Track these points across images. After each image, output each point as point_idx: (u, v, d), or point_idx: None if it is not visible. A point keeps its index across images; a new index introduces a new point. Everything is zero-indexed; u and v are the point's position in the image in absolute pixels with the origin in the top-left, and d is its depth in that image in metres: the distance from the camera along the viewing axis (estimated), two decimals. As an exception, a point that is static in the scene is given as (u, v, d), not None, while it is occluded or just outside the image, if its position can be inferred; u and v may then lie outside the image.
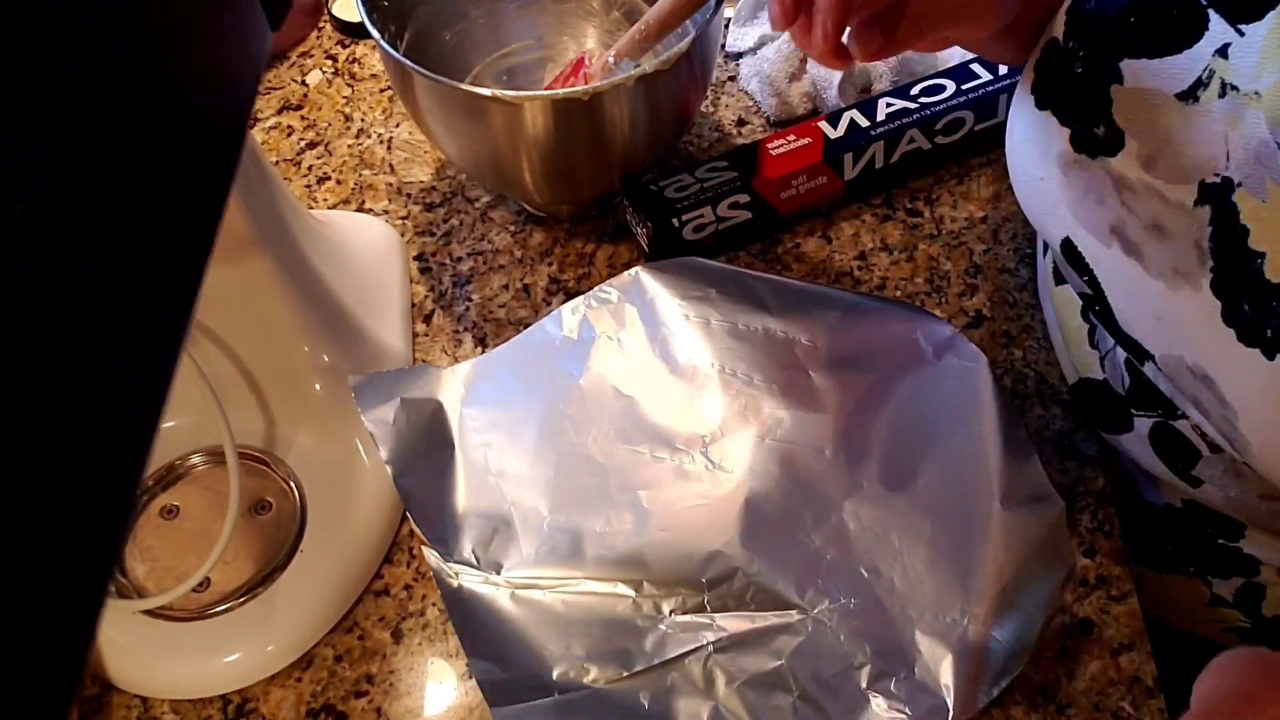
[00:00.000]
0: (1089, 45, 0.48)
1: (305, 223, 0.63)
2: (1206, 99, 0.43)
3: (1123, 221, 0.48)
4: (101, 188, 0.28)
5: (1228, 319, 0.43)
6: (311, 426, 0.62)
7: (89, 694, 0.56)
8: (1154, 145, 0.45)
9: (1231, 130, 0.42)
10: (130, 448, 0.30)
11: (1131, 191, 0.46)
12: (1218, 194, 0.43)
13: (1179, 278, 0.45)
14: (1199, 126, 0.43)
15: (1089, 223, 0.50)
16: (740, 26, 0.84)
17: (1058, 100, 0.50)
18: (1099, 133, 0.47)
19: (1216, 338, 0.44)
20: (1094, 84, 0.47)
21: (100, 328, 0.28)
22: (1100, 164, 0.48)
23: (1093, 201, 0.49)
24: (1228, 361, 0.44)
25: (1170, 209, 0.45)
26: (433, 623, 0.58)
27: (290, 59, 0.88)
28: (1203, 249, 0.44)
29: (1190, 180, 0.44)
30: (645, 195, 0.71)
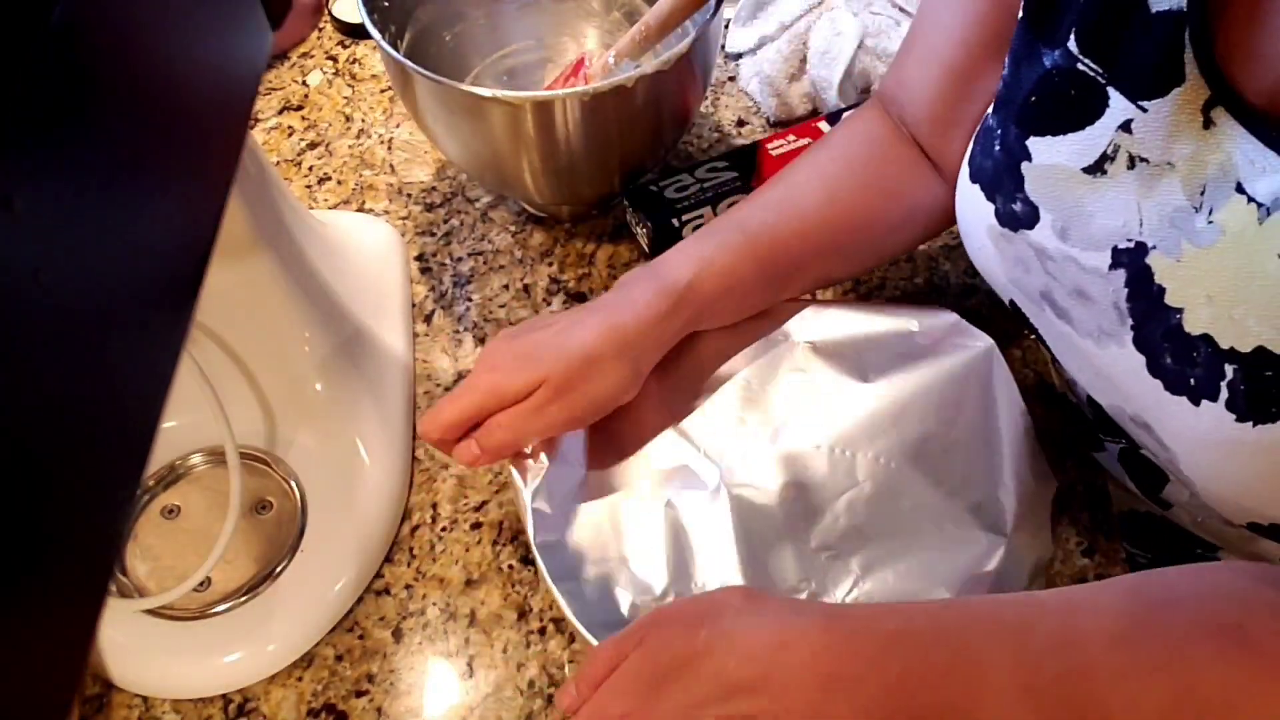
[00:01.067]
0: (1003, 125, 0.50)
1: (306, 223, 0.63)
2: (1114, 171, 0.44)
3: (1049, 288, 0.50)
4: (102, 188, 0.28)
5: (1153, 371, 0.45)
6: (312, 426, 0.62)
7: (90, 693, 0.56)
8: (1066, 216, 0.47)
9: (1145, 199, 0.43)
10: (131, 447, 0.30)
11: (1053, 260, 0.48)
12: (1130, 258, 0.45)
13: (1105, 337, 0.47)
14: (1109, 197, 0.45)
15: (1022, 290, 0.52)
16: (740, 27, 0.84)
17: (983, 176, 0.52)
18: (1016, 208, 0.49)
19: (1146, 389, 0.46)
20: (1009, 162, 0.49)
21: (101, 328, 0.28)
22: (1022, 236, 0.49)
23: (1021, 271, 0.51)
24: (1160, 410, 0.46)
25: (1088, 275, 0.47)
26: (433, 622, 0.58)
27: (291, 59, 0.88)
28: (1121, 309, 0.46)
29: (1103, 247, 0.46)
30: (645, 195, 0.72)
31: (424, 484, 0.64)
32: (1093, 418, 0.59)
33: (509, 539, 0.61)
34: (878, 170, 0.60)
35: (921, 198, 0.60)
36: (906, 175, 0.60)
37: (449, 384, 0.68)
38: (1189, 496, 0.56)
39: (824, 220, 0.58)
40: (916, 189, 0.60)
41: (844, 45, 0.77)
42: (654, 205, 0.71)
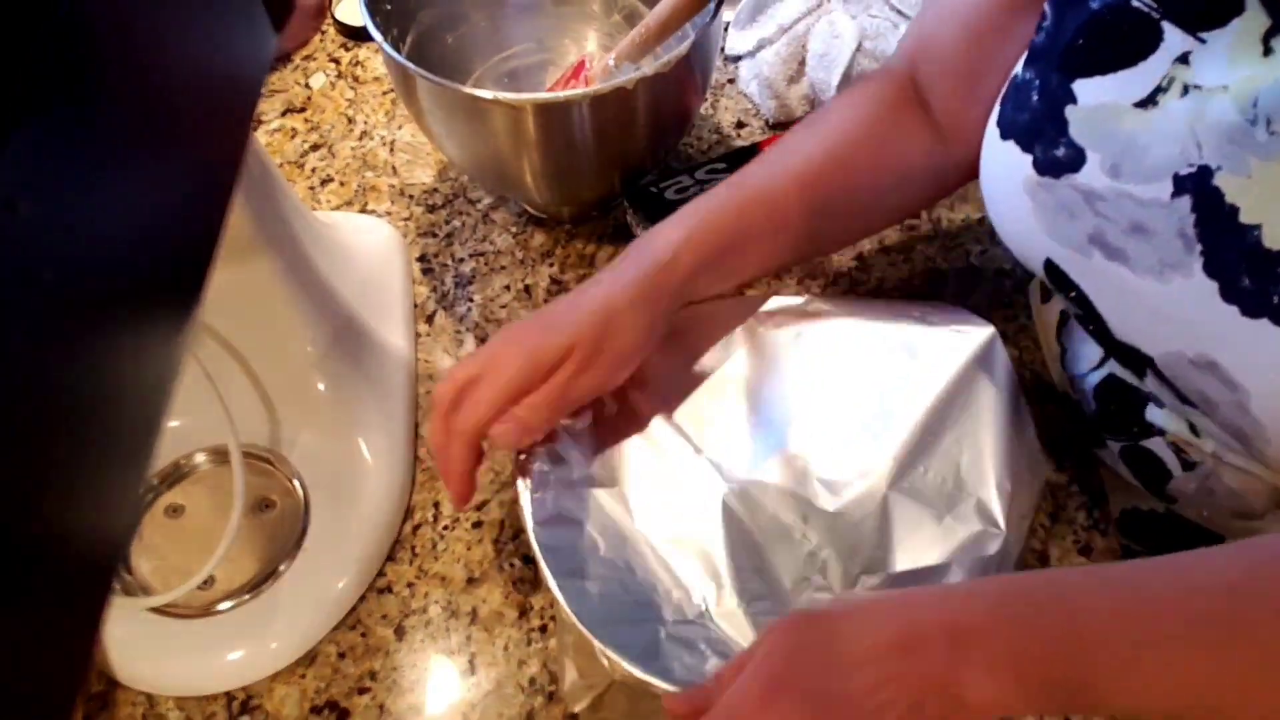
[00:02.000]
0: (1043, 74, 0.50)
1: (308, 224, 0.64)
2: (1167, 102, 0.45)
3: (1100, 230, 0.49)
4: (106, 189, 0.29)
5: (1227, 297, 0.44)
6: (315, 425, 0.63)
7: (95, 691, 0.57)
8: (1117, 153, 0.47)
9: (1198, 122, 0.44)
10: (135, 446, 0.30)
11: (1103, 200, 0.48)
12: (1194, 183, 0.44)
13: (1168, 270, 0.46)
14: (1162, 128, 0.45)
15: (1066, 239, 0.51)
16: (739, 29, 0.84)
17: (1017, 129, 0.51)
18: (1059, 153, 0.49)
19: (1218, 318, 0.45)
20: (1050, 109, 0.49)
21: (106, 328, 0.28)
22: (1066, 181, 0.49)
23: (1066, 218, 0.50)
24: (1233, 340, 0.45)
25: (1146, 208, 0.46)
26: (435, 620, 0.59)
27: (294, 62, 0.89)
28: (1188, 237, 0.45)
29: (1163, 177, 0.45)
30: (645, 197, 0.72)
31: (426, 483, 0.64)
32: (1094, 413, 0.59)
33: (510, 537, 0.62)
34: (874, 130, 0.60)
35: (919, 161, 0.60)
36: (905, 137, 0.60)
37: (450, 384, 0.68)
38: (1195, 488, 0.56)
39: (816, 175, 0.58)
40: (914, 151, 0.60)
41: (842, 48, 0.78)
42: (654, 206, 0.71)
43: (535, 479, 0.53)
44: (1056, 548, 0.61)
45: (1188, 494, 0.57)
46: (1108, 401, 0.58)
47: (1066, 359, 0.62)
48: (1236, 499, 0.54)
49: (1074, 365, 0.61)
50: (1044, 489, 0.58)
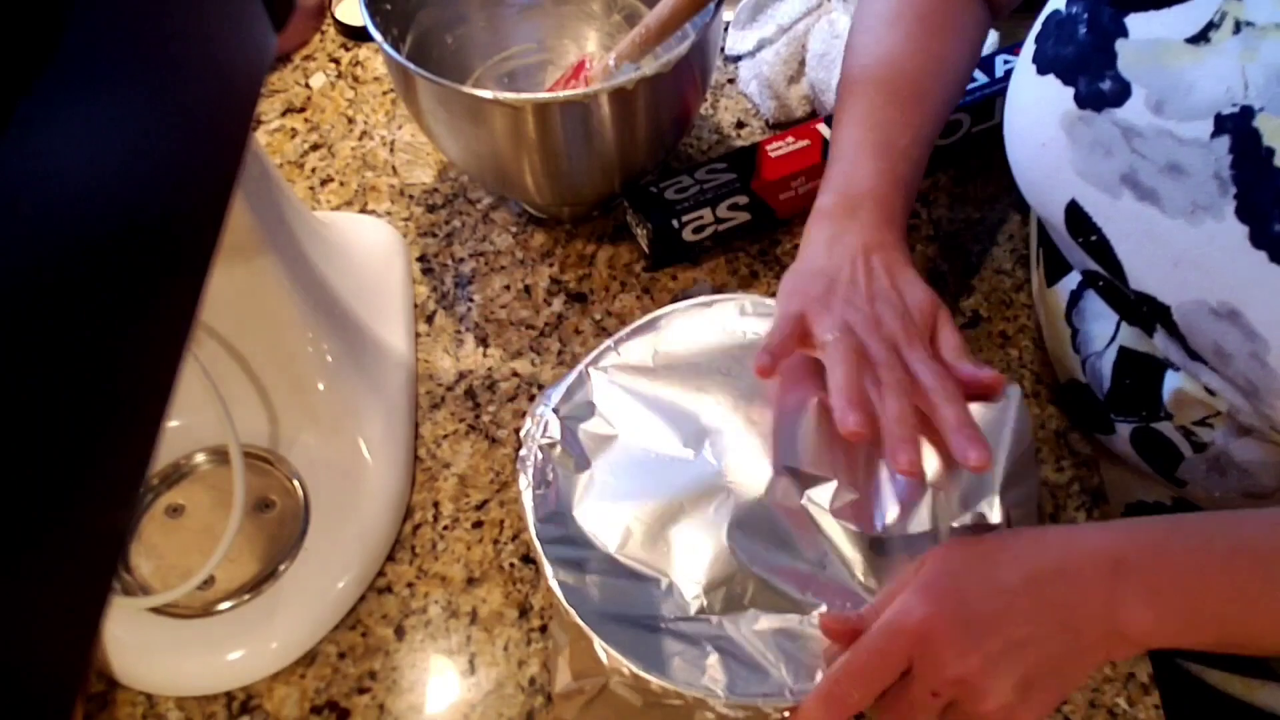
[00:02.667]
0: (1093, 8, 0.50)
1: (308, 224, 0.64)
2: (1219, 38, 0.44)
3: (1134, 169, 0.49)
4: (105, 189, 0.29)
5: (1257, 241, 0.44)
6: (315, 425, 0.63)
7: (94, 691, 0.57)
8: (1162, 89, 0.47)
9: (1248, 62, 0.43)
10: (135, 446, 0.30)
11: (1141, 137, 0.48)
12: (1235, 124, 0.44)
13: (1200, 212, 0.46)
14: (1211, 65, 0.45)
15: (1096, 178, 0.51)
16: (739, 30, 0.84)
17: (1060, 63, 0.51)
18: (1104, 86, 0.49)
19: (1244, 264, 0.45)
20: (1099, 42, 0.49)
21: (105, 328, 0.28)
22: (1107, 116, 0.49)
23: (1100, 155, 0.50)
24: (1258, 287, 0.45)
25: (1185, 146, 0.46)
26: (435, 620, 0.59)
27: (294, 62, 0.89)
28: (1223, 179, 0.45)
29: (1205, 116, 0.45)
30: (645, 197, 0.72)
31: (426, 483, 0.64)
32: (1107, 392, 0.59)
33: (510, 537, 0.62)
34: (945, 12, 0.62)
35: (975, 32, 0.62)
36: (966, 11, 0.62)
37: (450, 383, 0.68)
38: (1206, 470, 0.56)
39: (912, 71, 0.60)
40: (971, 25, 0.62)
41: (842, 48, 0.77)
42: (654, 206, 0.71)
43: (536, 476, 0.53)
44: (1056, 548, 0.61)
45: (1198, 476, 0.57)
46: (1123, 376, 0.57)
47: (1078, 341, 0.61)
48: (1247, 478, 0.54)
49: (1086, 346, 0.61)
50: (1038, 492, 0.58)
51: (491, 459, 0.65)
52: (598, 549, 0.51)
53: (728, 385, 0.57)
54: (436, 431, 0.66)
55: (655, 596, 0.50)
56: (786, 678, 0.46)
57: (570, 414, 0.55)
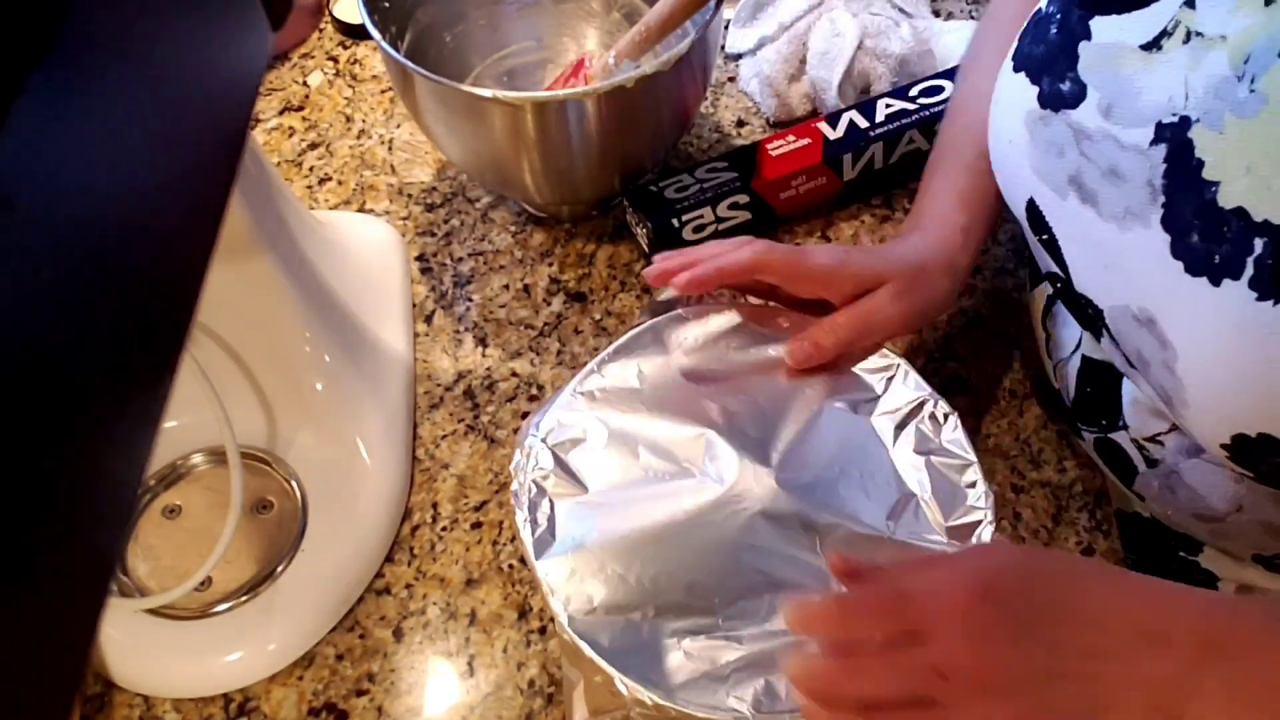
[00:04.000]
0: (1065, 9, 0.51)
1: (306, 223, 0.64)
2: (1170, 46, 0.45)
3: (1080, 171, 0.50)
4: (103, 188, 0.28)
5: (1176, 251, 0.45)
6: (313, 426, 0.62)
7: (91, 693, 0.56)
8: (1114, 94, 0.47)
9: (1192, 72, 0.44)
10: (132, 447, 0.30)
11: (1090, 140, 0.49)
12: (1172, 133, 0.45)
13: (1130, 218, 0.47)
14: (1160, 72, 0.45)
15: (1049, 177, 0.52)
16: (740, 28, 0.84)
17: (1031, 62, 0.52)
18: (1064, 87, 0.50)
19: (1164, 273, 0.45)
20: (1065, 43, 0.50)
21: (103, 327, 0.28)
22: (1063, 117, 0.50)
23: (1053, 155, 0.51)
24: (1172, 297, 0.45)
25: (1125, 152, 0.47)
26: (433, 621, 0.58)
27: (292, 60, 0.89)
28: (1155, 187, 0.46)
29: (1147, 123, 0.46)
30: (645, 195, 0.72)
31: (424, 484, 0.64)
32: (1073, 400, 0.59)
33: (509, 539, 0.61)
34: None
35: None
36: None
37: (449, 383, 0.68)
38: (1158, 487, 0.56)
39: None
40: None
41: (843, 46, 0.77)
42: (654, 205, 0.71)
43: (531, 511, 0.51)
44: (1058, 548, 0.60)
45: (1152, 492, 0.57)
46: (1085, 384, 0.58)
47: (1050, 345, 0.62)
48: (1198, 499, 0.54)
49: (1056, 351, 0.62)
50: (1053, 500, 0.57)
51: (490, 459, 0.64)
52: (604, 577, 0.50)
53: (717, 397, 0.56)
54: (435, 432, 0.66)
55: (668, 620, 0.49)
56: None
57: (559, 442, 0.54)
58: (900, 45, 0.79)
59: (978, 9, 0.89)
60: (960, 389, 0.67)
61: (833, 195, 0.75)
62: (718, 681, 0.46)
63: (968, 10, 0.89)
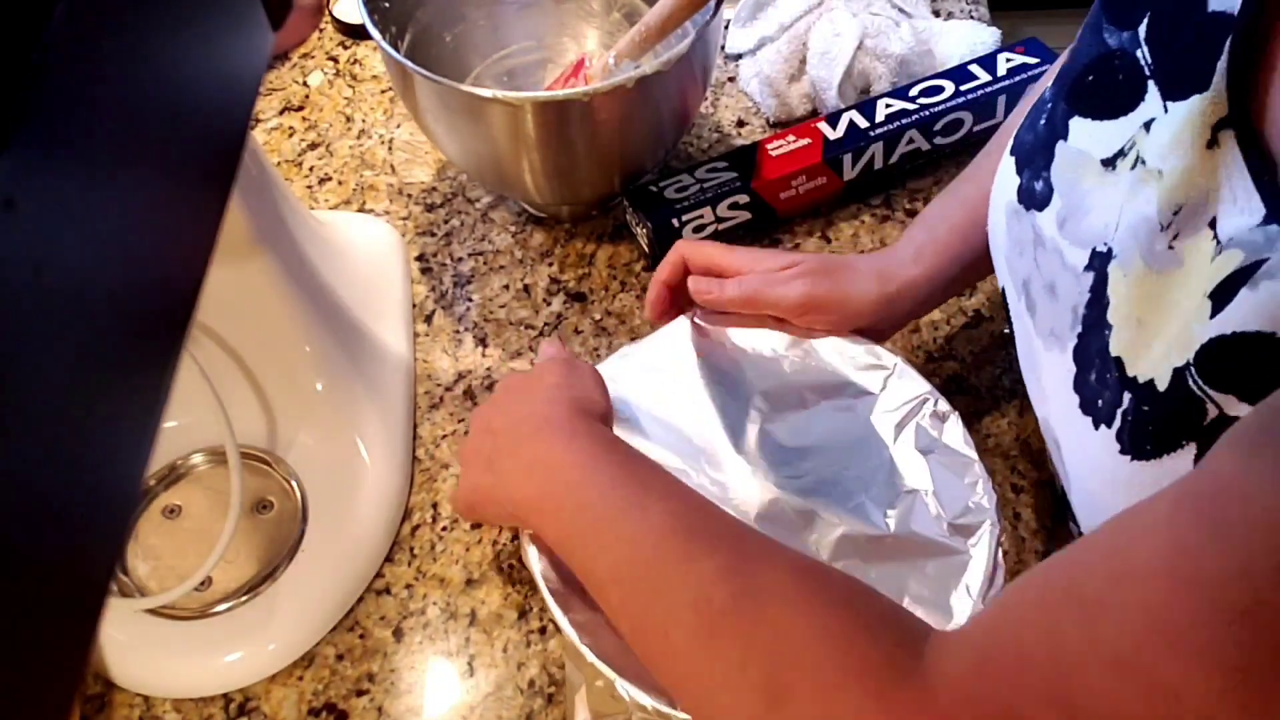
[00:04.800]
0: (1055, 98, 0.49)
1: (306, 223, 0.64)
2: (1121, 168, 0.43)
3: (1030, 278, 0.49)
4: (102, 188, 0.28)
5: (1076, 385, 0.45)
6: (313, 426, 0.62)
7: (91, 692, 0.56)
8: (1071, 206, 0.46)
9: (1128, 202, 0.42)
10: (132, 447, 0.30)
11: (1043, 249, 0.48)
12: (1100, 263, 0.43)
13: (1053, 339, 0.47)
14: (1107, 194, 0.44)
15: (1013, 275, 0.51)
16: (740, 28, 0.84)
17: (1021, 149, 0.51)
18: (1037, 186, 0.48)
19: (1065, 403, 0.45)
20: (1048, 138, 0.48)
21: (102, 327, 0.28)
22: (1030, 217, 0.49)
23: (1017, 253, 0.51)
24: (1068, 428, 0.45)
25: (1065, 271, 0.46)
26: (433, 621, 0.58)
27: (292, 60, 0.89)
28: (1076, 314, 0.45)
29: (1086, 245, 0.45)
30: (645, 196, 0.72)
31: (424, 483, 0.64)
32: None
33: (509, 539, 0.61)
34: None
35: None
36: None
37: (449, 383, 0.68)
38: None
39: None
40: None
41: (843, 46, 0.77)
42: (654, 205, 0.71)
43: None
44: (1059, 548, 0.60)
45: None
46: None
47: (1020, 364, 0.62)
48: None
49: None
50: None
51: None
52: None
53: (717, 398, 0.56)
54: (435, 432, 0.66)
55: None
56: None
57: None
58: (900, 45, 0.79)
59: (977, 9, 0.89)
60: (960, 389, 0.67)
61: (833, 195, 0.75)
62: None
63: (968, 10, 0.89)
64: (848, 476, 0.53)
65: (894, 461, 0.53)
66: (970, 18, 0.88)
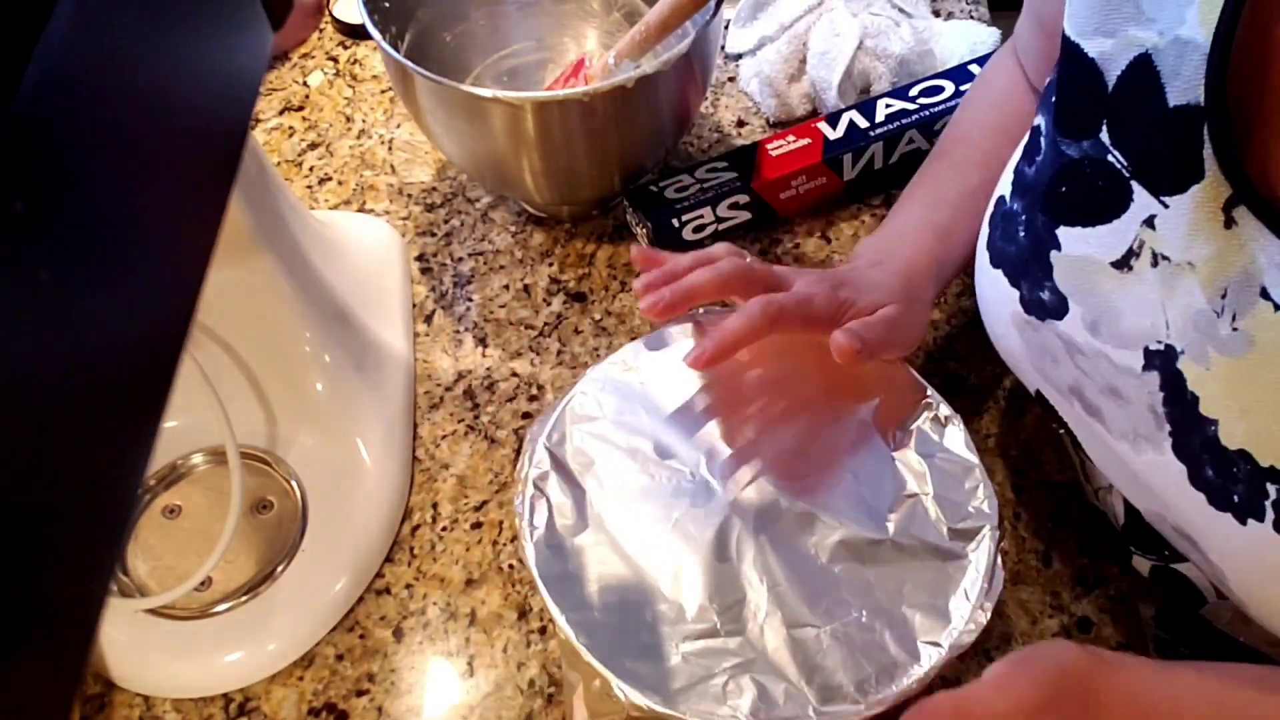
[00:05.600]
0: (1029, 210, 0.48)
1: (306, 223, 0.64)
2: (1140, 268, 0.42)
3: (1080, 384, 0.47)
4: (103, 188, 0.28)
5: (1195, 483, 0.42)
6: (312, 426, 0.62)
7: (91, 693, 0.56)
8: (1096, 310, 0.45)
9: (1168, 299, 0.41)
10: (132, 447, 0.30)
11: (1083, 354, 0.46)
12: (1162, 361, 0.42)
13: (1141, 440, 0.45)
14: (1136, 294, 0.43)
15: (1050, 381, 0.50)
16: (740, 28, 0.84)
17: (1006, 261, 0.50)
18: (1044, 297, 0.47)
19: (1189, 502, 0.43)
20: (1036, 249, 0.47)
21: (102, 327, 0.28)
22: (1049, 327, 0.47)
23: (1049, 362, 0.49)
24: (1205, 524, 0.43)
25: (1121, 373, 0.45)
26: (434, 621, 0.58)
27: (292, 60, 0.89)
28: (1158, 414, 0.43)
29: (1135, 346, 0.43)
30: (645, 196, 0.72)
31: (424, 484, 0.64)
32: (1124, 526, 0.57)
33: (509, 539, 0.61)
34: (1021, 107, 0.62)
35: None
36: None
37: (449, 383, 0.68)
38: (1230, 617, 0.54)
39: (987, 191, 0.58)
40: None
41: (843, 46, 0.77)
42: (654, 205, 0.71)
43: (532, 515, 0.51)
44: (1059, 548, 0.60)
45: (1223, 620, 0.54)
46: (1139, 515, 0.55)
47: (1087, 470, 0.60)
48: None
49: (1095, 478, 0.59)
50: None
51: (490, 460, 0.64)
52: (603, 581, 0.50)
53: (719, 400, 0.56)
54: (435, 432, 0.66)
55: (666, 625, 0.49)
56: (810, 695, 0.46)
57: (560, 445, 0.54)
58: (900, 45, 0.79)
59: (977, 9, 0.89)
60: (960, 389, 0.67)
61: (833, 195, 0.75)
62: (715, 687, 0.46)
63: (968, 10, 0.89)
64: (848, 480, 0.53)
65: (895, 465, 0.53)
66: (970, 18, 0.88)
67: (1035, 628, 0.58)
